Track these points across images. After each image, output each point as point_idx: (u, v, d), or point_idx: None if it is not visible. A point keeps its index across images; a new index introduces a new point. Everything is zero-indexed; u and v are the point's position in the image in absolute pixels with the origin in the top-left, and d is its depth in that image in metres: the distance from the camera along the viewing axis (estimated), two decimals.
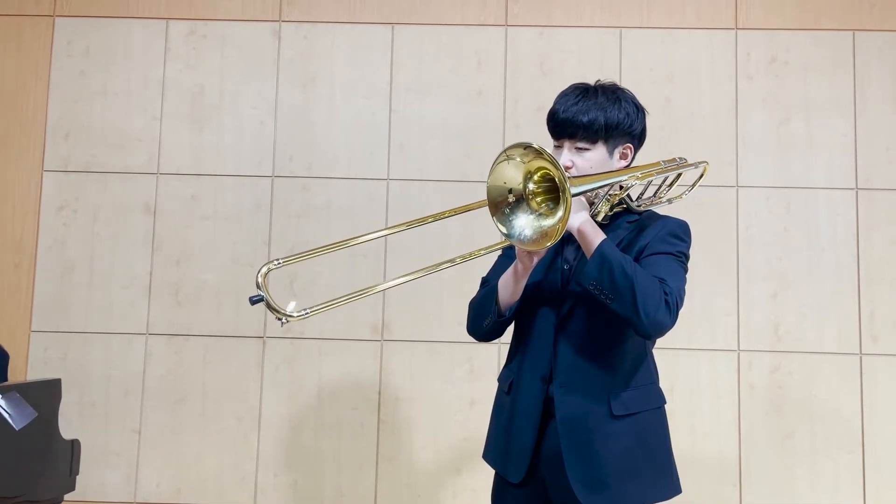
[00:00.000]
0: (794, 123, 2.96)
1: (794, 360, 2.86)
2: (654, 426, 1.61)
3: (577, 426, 1.54)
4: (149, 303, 2.95)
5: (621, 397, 1.56)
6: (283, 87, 3.04)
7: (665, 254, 1.54)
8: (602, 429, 1.53)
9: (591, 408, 1.54)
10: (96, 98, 3.04)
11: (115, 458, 2.89)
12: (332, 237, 2.95)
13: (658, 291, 1.45)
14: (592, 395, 1.55)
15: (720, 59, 3.00)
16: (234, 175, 3.01)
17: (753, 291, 2.90)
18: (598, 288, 1.45)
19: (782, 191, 2.93)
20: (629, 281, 1.42)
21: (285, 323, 1.38)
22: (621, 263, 1.44)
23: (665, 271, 1.51)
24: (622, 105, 1.59)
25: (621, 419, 1.54)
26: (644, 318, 1.42)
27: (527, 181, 1.47)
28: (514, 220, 1.48)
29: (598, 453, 1.52)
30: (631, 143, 1.63)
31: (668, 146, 2.95)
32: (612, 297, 1.44)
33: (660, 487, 1.58)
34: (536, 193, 1.47)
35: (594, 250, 1.46)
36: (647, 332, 1.46)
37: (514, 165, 1.46)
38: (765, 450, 2.83)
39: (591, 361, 1.56)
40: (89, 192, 3.00)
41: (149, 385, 2.92)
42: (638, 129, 1.63)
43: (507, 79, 3.02)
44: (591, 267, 1.46)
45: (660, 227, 1.59)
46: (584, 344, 1.57)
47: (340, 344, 2.92)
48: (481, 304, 1.67)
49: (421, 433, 2.89)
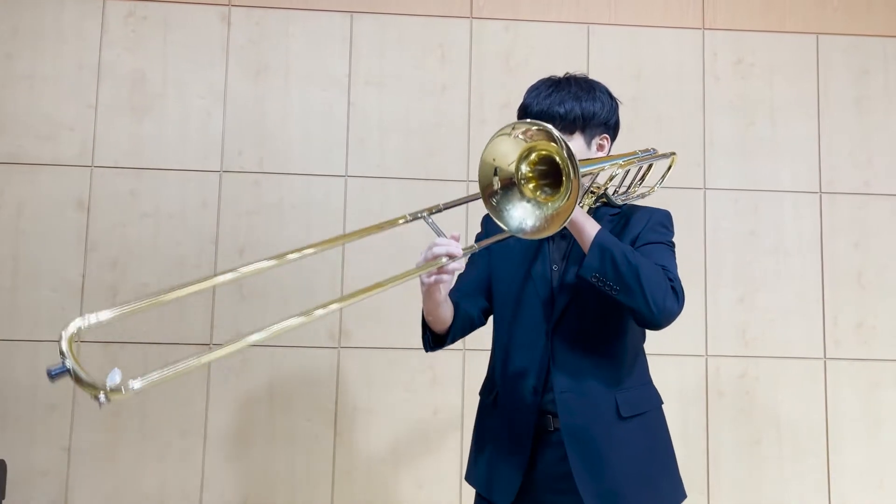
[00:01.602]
0: (760, 125, 2.93)
1: (760, 365, 2.83)
2: (660, 427, 1.57)
3: (583, 434, 1.46)
4: (81, 307, 2.69)
5: (627, 396, 1.50)
6: (233, 76, 2.84)
7: (658, 243, 1.51)
8: (610, 434, 1.46)
9: (597, 412, 1.47)
10: (23, 83, 2.77)
11: (40, 479, 2.62)
12: (286, 237, 2.77)
13: (663, 279, 1.41)
14: (598, 397, 1.48)
15: (687, 59, 2.95)
16: (178, 169, 2.78)
17: (720, 295, 2.85)
18: (601, 280, 1.38)
19: (749, 193, 2.90)
20: (634, 270, 1.36)
21: (104, 403, 0.99)
22: (623, 252, 1.38)
23: (663, 259, 1.48)
24: (597, 95, 1.55)
25: (629, 420, 1.48)
26: (654, 307, 1.37)
27: (520, 162, 1.36)
28: (509, 210, 1.36)
29: (608, 462, 1.45)
30: (607, 134, 1.59)
31: (635, 145, 2.87)
32: (618, 288, 1.37)
33: (672, 495, 1.53)
34: (529, 178, 1.37)
35: (592, 241, 1.39)
36: (657, 321, 1.40)
37: (512, 141, 1.33)
38: (732, 456, 2.78)
39: (592, 363, 1.49)
40: (14, 186, 2.73)
41: (80, 397, 2.66)
42: (613, 120, 1.59)
43: (472, 73, 2.89)
44: (592, 258, 1.38)
45: (647, 217, 1.55)
46: (583, 345, 1.49)
47: (294, 351, 2.73)
48: (422, 330, 1.57)
49: (380, 446, 2.72)
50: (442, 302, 1.47)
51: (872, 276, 2.87)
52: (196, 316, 2.72)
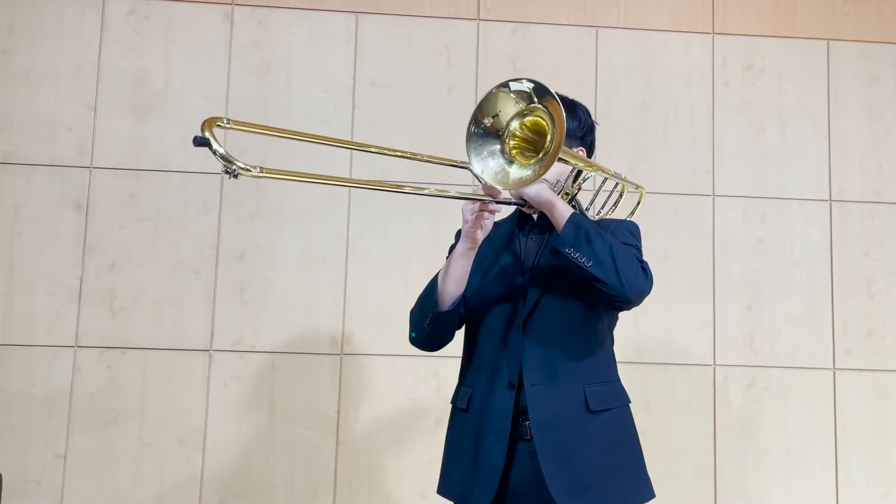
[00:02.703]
0: (769, 132, 2.90)
1: (768, 375, 2.79)
2: (628, 424, 1.59)
3: (552, 427, 1.48)
4: (78, 312, 2.63)
5: (596, 391, 1.52)
6: (236, 76, 2.78)
7: (628, 245, 1.55)
8: (579, 427, 1.49)
9: (566, 405, 1.49)
10: (20, 81, 2.71)
11: (35, 488, 2.56)
12: (288, 242, 2.72)
13: (634, 258, 1.48)
14: (567, 390, 1.50)
15: (697, 64, 2.92)
16: (178, 171, 2.72)
17: (728, 304, 2.81)
18: (575, 252, 1.42)
19: (758, 201, 2.86)
20: (606, 245, 1.43)
21: (234, 176, 1.20)
22: (596, 229, 1.45)
23: (633, 252, 1.53)
24: (577, 112, 1.62)
25: (598, 415, 1.50)
26: (625, 282, 1.42)
27: (513, 119, 1.44)
28: (482, 149, 1.44)
29: (576, 453, 1.47)
30: (584, 148, 1.65)
31: (644, 151, 2.86)
32: (591, 263, 1.41)
33: (639, 491, 1.56)
34: (514, 136, 1.45)
35: (567, 219, 1.45)
36: (628, 297, 1.44)
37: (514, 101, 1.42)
38: (740, 467, 2.74)
39: (562, 356, 1.52)
40: (10, 187, 2.66)
41: (77, 404, 2.60)
42: (589, 139, 1.67)
43: (478, 75, 2.84)
44: (567, 233, 1.43)
45: (615, 225, 1.61)
46: (554, 338, 1.52)
47: (295, 358, 2.68)
48: (421, 302, 1.59)
49: (383, 455, 2.67)
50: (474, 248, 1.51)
51: (883, 286, 2.83)
52: (196, 321, 2.66)
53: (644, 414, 2.73)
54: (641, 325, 2.76)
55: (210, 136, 1.19)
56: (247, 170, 1.20)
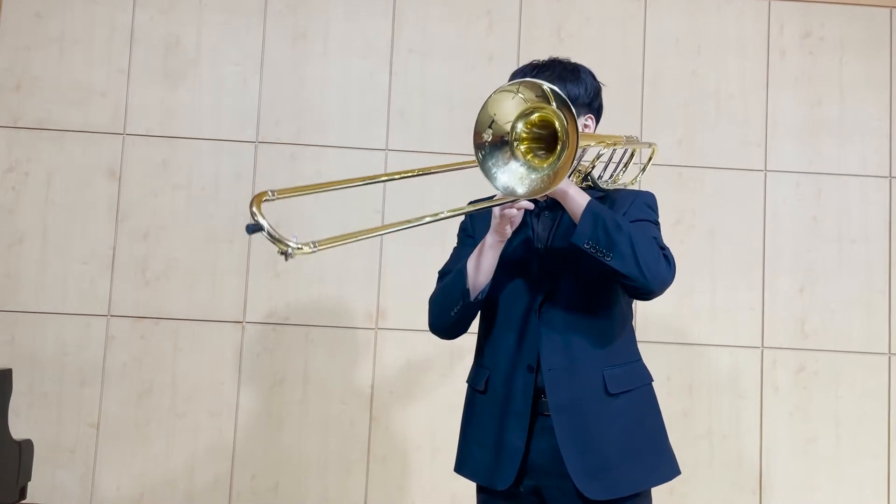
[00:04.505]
0: (827, 104, 2.75)
1: (819, 359, 2.67)
2: (650, 404, 1.56)
3: (571, 411, 1.46)
4: (111, 281, 2.60)
5: (615, 373, 1.50)
6: (270, 42, 2.70)
7: (644, 220, 1.51)
8: (598, 410, 1.47)
9: (585, 389, 1.47)
10: (53, 45, 2.66)
11: (68, 457, 2.55)
12: (323, 213, 2.65)
13: (655, 246, 1.43)
14: (585, 374, 1.48)
15: (751, 32, 2.77)
16: (212, 139, 2.66)
17: (779, 285, 2.69)
18: (594, 246, 1.38)
19: (813, 177, 2.73)
20: (626, 235, 1.38)
21: (291, 256, 1.15)
22: (614, 219, 1.40)
23: (651, 234, 1.49)
24: (581, 77, 1.54)
25: (617, 397, 1.48)
26: (647, 273, 1.38)
27: (517, 121, 1.35)
28: (498, 167, 1.35)
29: (596, 436, 1.46)
30: (591, 114, 1.58)
31: (694, 124, 2.74)
32: (611, 255, 1.37)
33: (661, 469, 1.53)
34: (522, 139, 1.36)
35: (584, 208, 1.40)
36: (650, 288, 1.40)
37: (514, 101, 1.33)
38: (787, 454, 2.64)
39: (580, 340, 1.49)
40: (43, 153, 2.63)
41: (109, 374, 2.58)
42: (597, 103, 1.59)
43: (520, 43, 2.73)
44: (585, 225, 1.39)
45: (632, 198, 1.56)
46: (571, 323, 1.50)
47: (330, 331, 2.62)
48: (446, 292, 1.55)
49: (417, 431, 2.61)
50: (503, 241, 1.48)
51: None
52: (229, 292, 2.61)
53: (687, 397, 2.64)
54: (686, 306, 2.66)
55: (261, 217, 1.14)
56: (300, 248, 1.16)
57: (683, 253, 2.58)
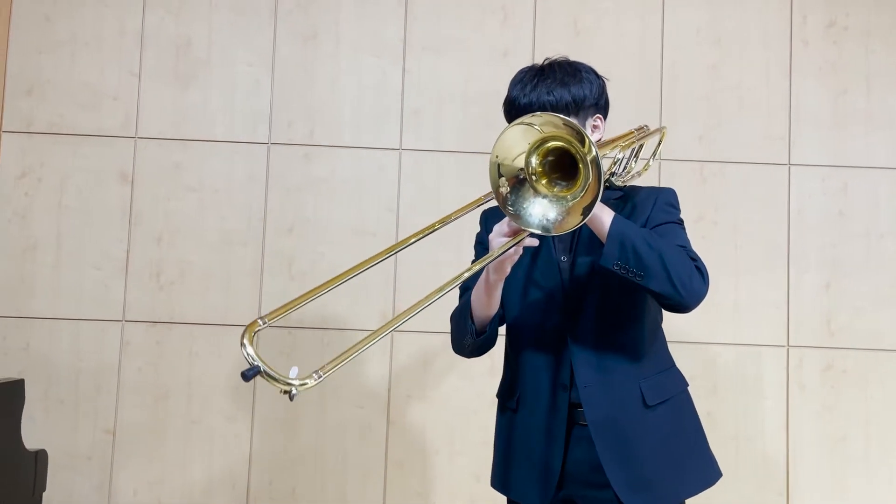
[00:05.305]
0: (853, 95, 2.67)
1: (848, 358, 2.60)
2: (687, 411, 1.54)
3: (610, 426, 1.44)
4: (125, 285, 2.58)
5: (651, 384, 1.47)
6: (282, 41, 2.67)
7: (670, 223, 1.47)
8: (637, 423, 1.45)
9: (623, 403, 1.44)
10: (64, 48, 2.64)
11: (85, 463, 2.53)
12: (336, 214, 2.62)
13: (686, 259, 1.38)
14: (622, 388, 1.45)
15: (773, 22, 2.69)
16: (224, 141, 2.63)
17: (805, 281, 2.62)
18: (623, 267, 1.33)
19: (839, 170, 2.65)
20: (657, 253, 1.33)
21: (295, 395, 1.04)
22: (642, 236, 1.35)
23: (680, 240, 1.45)
24: (582, 76, 1.48)
25: (655, 408, 1.46)
26: (681, 290, 1.34)
27: (529, 156, 1.29)
28: (526, 208, 1.28)
29: (637, 450, 1.43)
30: (599, 114, 1.52)
31: (714, 117, 2.67)
32: (642, 274, 1.33)
33: (704, 475, 1.51)
34: (539, 174, 1.30)
35: (608, 228, 1.34)
36: (686, 304, 1.36)
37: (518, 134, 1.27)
38: (815, 455, 2.57)
39: (612, 354, 1.46)
40: (56, 158, 2.61)
41: (125, 379, 2.56)
42: (603, 100, 1.54)
43: (535, 37, 2.67)
44: (612, 246, 1.33)
45: (653, 197, 1.51)
46: (601, 337, 1.46)
47: (346, 334, 2.59)
48: (458, 323, 1.53)
49: (435, 435, 2.57)
50: (503, 279, 1.42)
51: None
52: (243, 296, 2.58)
53: (712, 397, 2.58)
54: (709, 304, 2.55)
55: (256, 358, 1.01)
56: (305, 384, 1.05)
57: (706, 250, 2.48)
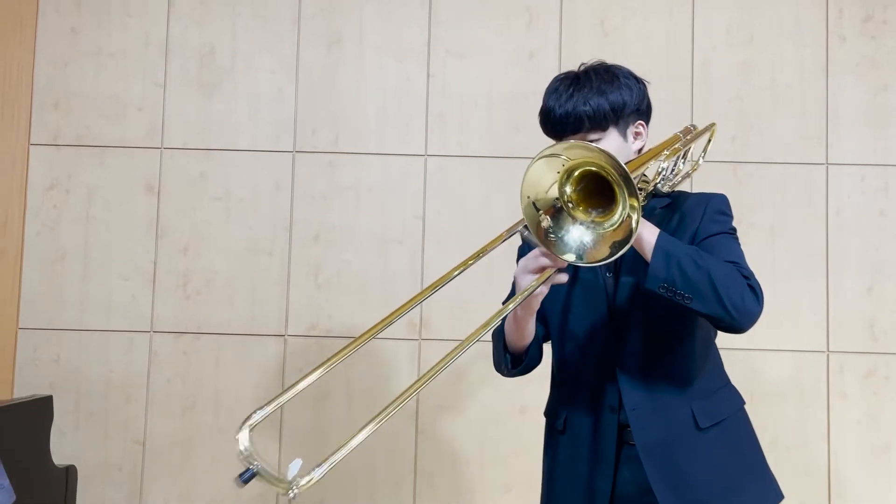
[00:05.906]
0: (892, 91, 2.58)
1: (891, 364, 2.51)
2: (743, 431, 1.48)
3: (660, 450, 1.37)
4: (153, 296, 2.58)
5: (704, 406, 1.40)
6: (305, 49, 2.65)
7: (720, 234, 1.39)
8: (689, 447, 1.37)
9: (673, 426, 1.38)
10: (89, 60, 2.65)
11: (115, 474, 2.54)
12: (362, 221, 2.59)
13: (738, 278, 1.29)
14: (672, 411, 1.39)
15: (808, 18, 2.61)
16: (249, 150, 2.62)
17: (845, 285, 2.54)
18: (670, 290, 1.25)
19: (879, 169, 2.56)
20: (705, 273, 1.24)
21: (295, 497, 0.95)
22: (689, 255, 1.26)
23: (732, 254, 1.36)
24: (621, 82, 1.42)
25: (708, 431, 1.39)
26: (733, 312, 1.25)
27: (562, 186, 1.24)
28: (564, 239, 1.23)
29: (689, 475, 1.36)
30: (641, 120, 1.47)
31: (748, 117, 2.59)
32: (690, 296, 1.25)
33: (763, 497, 1.44)
34: (576, 202, 1.25)
35: (653, 248, 1.27)
36: (739, 325, 1.28)
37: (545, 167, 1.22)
38: (857, 465, 2.49)
39: (662, 375, 1.40)
40: (83, 170, 2.62)
41: (154, 390, 2.56)
42: (644, 104, 1.47)
43: (562, 39, 2.62)
44: (657, 268, 1.26)
45: (702, 205, 1.42)
46: (650, 358, 1.40)
47: (373, 343, 2.53)
48: (495, 344, 1.52)
49: (465, 446, 2.53)
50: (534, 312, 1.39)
51: None
52: (270, 305, 2.57)
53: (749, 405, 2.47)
54: None
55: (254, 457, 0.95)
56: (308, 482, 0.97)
57: None
